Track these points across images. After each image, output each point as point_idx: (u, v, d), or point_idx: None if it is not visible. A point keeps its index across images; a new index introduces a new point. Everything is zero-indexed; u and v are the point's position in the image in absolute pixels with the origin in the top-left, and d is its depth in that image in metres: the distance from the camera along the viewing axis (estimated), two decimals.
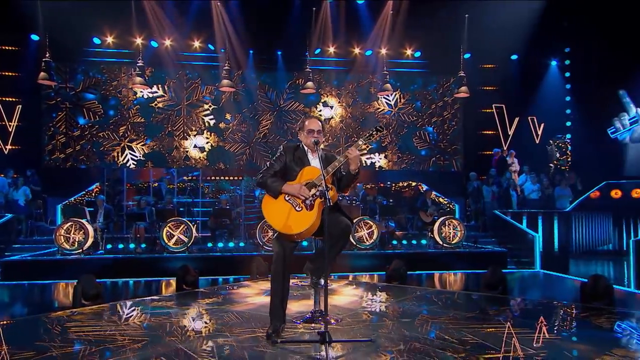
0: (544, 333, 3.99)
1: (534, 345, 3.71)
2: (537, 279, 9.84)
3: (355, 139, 15.53)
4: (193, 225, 10.69)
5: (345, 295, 5.92)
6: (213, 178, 14.71)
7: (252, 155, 15.56)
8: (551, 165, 14.03)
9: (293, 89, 15.72)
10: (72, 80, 15.06)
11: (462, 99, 14.74)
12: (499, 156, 13.58)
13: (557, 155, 14.08)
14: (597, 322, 4.50)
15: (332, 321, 4.46)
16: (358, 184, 13.13)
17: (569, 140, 14.50)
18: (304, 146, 4.23)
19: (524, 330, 4.11)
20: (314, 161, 4.18)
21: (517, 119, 14.96)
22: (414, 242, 11.05)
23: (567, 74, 15.25)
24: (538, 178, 12.60)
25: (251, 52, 15.03)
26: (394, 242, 10.82)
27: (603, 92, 13.86)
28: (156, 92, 15.29)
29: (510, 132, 14.98)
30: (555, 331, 4.16)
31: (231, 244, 10.83)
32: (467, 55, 13.88)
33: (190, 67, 15.29)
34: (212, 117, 15.56)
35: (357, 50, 15.23)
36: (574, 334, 4.24)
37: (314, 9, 13.74)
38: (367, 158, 15.77)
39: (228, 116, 15.59)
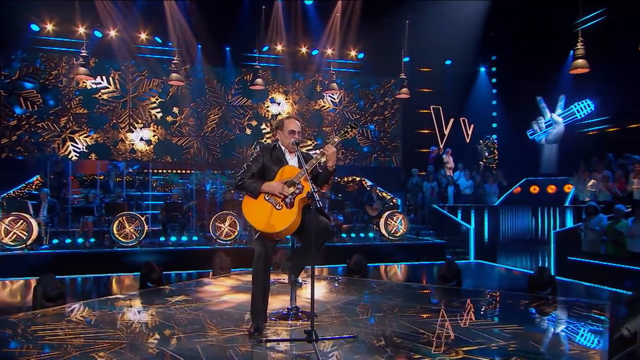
0: (508, 324, 4.14)
1: (504, 336, 3.83)
2: (479, 268, 10.15)
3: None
4: (144, 218, 10.19)
5: (309, 290, 5.85)
6: (161, 171, 14.05)
7: (200, 149, 15.06)
8: (481, 163, 14.65)
9: (241, 84, 15.35)
10: (7, 67, 13.82)
11: (401, 100, 15.03)
12: (435, 154, 14.00)
13: (486, 154, 14.73)
14: (547, 310, 4.74)
15: (305, 318, 4.37)
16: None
17: (495, 141, 15.19)
18: (281, 146, 4.12)
19: (491, 322, 4.25)
20: (292, 161, 4.11)
21: (452, 120, 15.51)
22: (361, 235, 11.17)
23: (494, 80, 15.99)
24: (471, 175, 13.12)
25: (199, 46, 14.50)
26: (343, 235, 10.86)
27: (524, 98, 14.67)
28: (100, 83, 14.38)
29: (446, 132, 15.51)
30: (517, 321, 4.31)
31: (184, 238, 10.43)
32: (406, 59, 14.15)
33: (136, 59, 14.48)
34: (159, 110, 14.86)
35: (304, 50, 15.11)
36: (534, 323, 4.41)
37: (263, 7, 13.46)
38: (313, 153, 15.71)
39: (175, 110, 14.96)
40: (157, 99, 14.84)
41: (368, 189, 12.91)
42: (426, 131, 15.63)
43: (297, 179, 3.90)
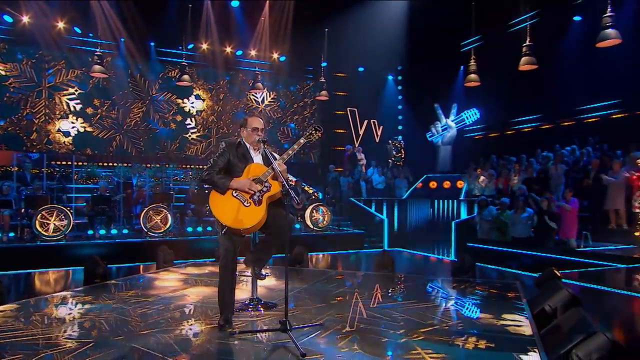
0: (448, 305, 4.46)
1: (450, 316, 4.12)
2: (397, 256, 10.47)
3: (226, 131, 15.26)
4: (69, 211, 9.34)
5: (265, 281, 5.78)
6: (83, 164, 12.89)
7: (123, 142, 14.08)
8: (390, 161, 15.34)
9: (165, 80, 14.58)
10: None
11: (319, 101, 15.25)
12: (350, 152, 14.40)
13: (394, 152, 15.43)
14: (476, 291, 5.13)
15: (261, 309, 4.34)
16: None
17: (402, 141, 15.97)
18: (246, 143, 4.04)
19: (433, 305, 4.53)
20: (257, 157, 4.05)
21: (366, 121, 16.05)
22: None
23: (400, 87, 16.80)
24: (383, 171, 13.71)
25: (122, 40, 13.52)
26: None
27: (424, 104, 15.60)
28: (11, 70, 12.85)
29: (361, 132, 16.01)
30: (455, 302, 4.64)
31: (114, 231, 9.74)
32: (324, 64, 14.39)
33: (53, 48, 13.08)
34: (78, 101, 13.64)
35: (229, 49, 14.72)
36: (468, 303, 4.70)
37: (190, 5, 12.88)
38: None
39: (96, 102, 13.82)
40: (76, 90, 13.61)
41: (292, 183, 12.96)
42: (342, 131, 16.02)
43: (264, 177, 3.85)
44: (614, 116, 13.01)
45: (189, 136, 14.79)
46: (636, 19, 11.03)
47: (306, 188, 12.90)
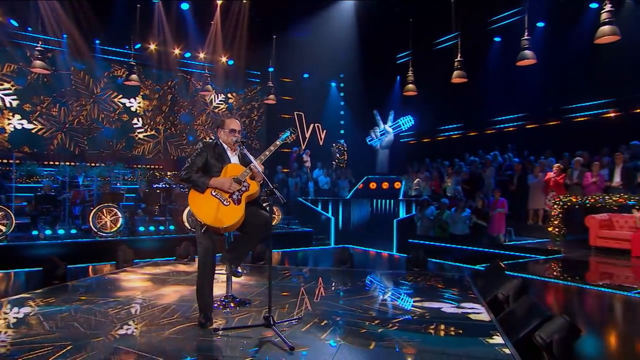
0: (412, 297, 4.64)
1: (417, 306, 4.28)
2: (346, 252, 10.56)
3: (174, 131, 14.68)
4: (9, 211, 8.56)
5: (234, 278, 5.65)
6: (21, 162, 11.83)
7: (65, 140, 13.10)
8: (333, 163, 15.54)
9: (111, 78, 13.77)
10: None
11: (266, 105, 15.14)
12: (296, 154, 14.42)
13: (338, 155, 15.65)
14: (431, 283, 5.36)
15: (234, 306, 4.28)
16: None
17: (344, 144, 16.24)
18: (222, 143, 3.99)
19: (398, 297, 4.68)
20: (234, 158, 4.01)
21: (312, 125, 16.15)
22: None
23: (342, 94, 17.11)
24: (328, 172, 13.86)
25: (65, 36, 12.61)
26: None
27: (364, 110, 16.02)
28: None
29: (307, 135, 16.07)
30: (418, 294, 4.80)
31: (61, 231, 9.06)
32: (271, 69, 14.33)
33: None
34: (15, 97, 12.52)
35: (177, 51, 14.21)
36: (429, 294, 4.82)
37: (138, 5, 12.28)
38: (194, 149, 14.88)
39: (35, 98, 12.75)
40: (12, 86, 12.48)
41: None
42: None
43: (242, 177, 3.81)
44: (528, 126, 14.16)
45: (136, 136, 14.08)
46: (545, 44, 12.09)
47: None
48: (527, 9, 10.46)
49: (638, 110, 11.68)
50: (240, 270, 4.27)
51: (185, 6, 13.16)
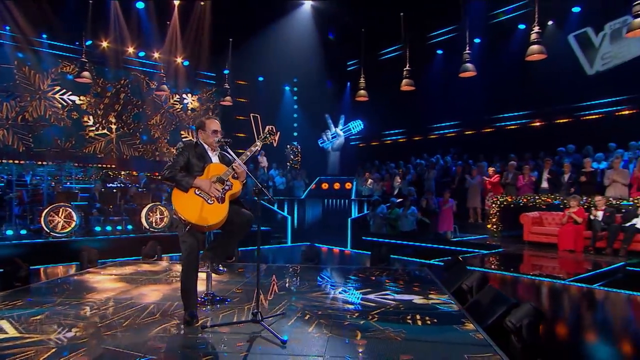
0: (382, 290, 4.78)
1: (392, 298, 4.43)
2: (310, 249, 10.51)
3: (126, 130, 13.97)
4: None
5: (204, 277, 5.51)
6: None
7: (7, 137, 12.07)
8: (288, 164, 15.53)
9: (60, 75, 12.87)
10: None
11: (221, 106, 14.82)
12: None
13: (292, 156, 15.65)
14: (397, 277, 5.53)
15: (214, 304, 4.22)
16: (140, 173, 11.85)
17: (298, 146, 16.28)
18: (202, 143, 3.92)
19: (370, 291, 4.79)
20: (214, 157, 3.94)
21: (267, 127, 15.96)
22: None
23: (295, 97, 17.14)
24: (283, 173, 13.83)
25: (7, 28, 11.64)
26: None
27: (317, 113, 16.18)
28: None
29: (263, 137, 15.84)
30: (388, 288, 4.93)
31: (9, 232, 8.34)
32: (226, 71, 14.07)
33: None
34: None
35: (131, 50, 13.58)
36: (398, 287, 4.94)
37: (90, 2, 11.59)
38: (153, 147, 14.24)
39: None
40: None
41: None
42: (242, 135, 15.74)
43: (225, 176, 3.76)
44: (466, 132, 14.99)
45: (87, 134, 13.28)
46: (482, 58, 12.86)
47: None
48: (467, 26, 11.09)
49: (559, 121, 12.75)
50: (222, 268, 4.21)
51: (140, 5, 12.62)
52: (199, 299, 4.23)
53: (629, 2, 10.93)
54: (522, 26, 13.00)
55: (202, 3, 12.95)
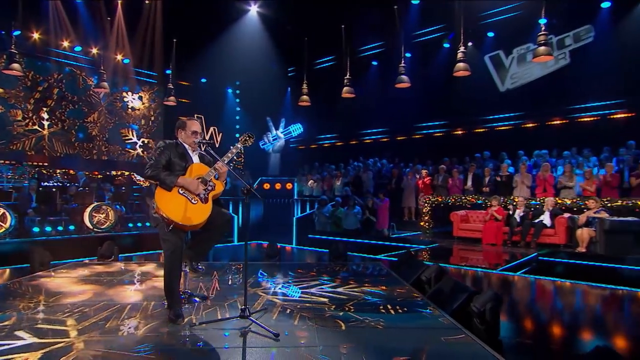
0: (349, 284, 4.96)
1: (358, 293, 4.60)
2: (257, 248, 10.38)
3: (61, 127, 12.75)
4: None
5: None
6: None
7: None
8: (232, 164, 15.15)
9: None
10: None
11: (164, 106, 14.16)
12: None
13: (235, 157, 15.29)
14: (358, 271, 5.72)
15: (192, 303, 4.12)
16: (79, 172, 10.90)
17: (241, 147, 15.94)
18: (183, 143, 3.85)
19: (337, 284, 4.93)
20: (195, 157, 3.89)
21: (211, 128, 15.53)
22: (147, 224, 10.09)
23: (237, 100, 16.84)
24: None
25: None
26: (130, 224, 9.65)
27: (259, 116, 16.07)
28: None
29: (207, 138, 15.36)
30: (353, 282, 5.08)
31: None
32: (168, 71, 13.48)
33: None
34: None
35: (66, 44, 12.45)
36: (360, 281, 5.08)
37: None
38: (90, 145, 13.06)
39: None
40: None
41: (138, 182, 11.77)
42: None
43: (208, 177, 3.72)
44: (398, 138, 15.77)
45: (14, 130, 11.95)
46: (412, 71, 13.65)
47: None
48: (402, 41, 11.74)
49: (477, 130, 13.94)
50: (200, 266, 4.13)
51: None
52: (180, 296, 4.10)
53: (532, 32, 12.39)
54: (446, 45, 14.02)
55: (147, 1, 12.28)
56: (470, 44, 13.73)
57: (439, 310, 3.83)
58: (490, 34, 13.60)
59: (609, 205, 8.31)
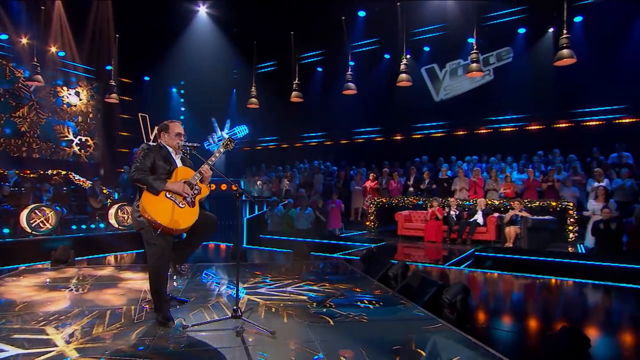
0: (321, 283, 5.10)
1: (331, 290, 4.76)
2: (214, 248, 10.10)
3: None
4: None
5: (136, 279, 5.05)
6: None
7: None
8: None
9: None
10: None
11: (104, 102, 13.23)
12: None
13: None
14: (324, 269, 5.88)
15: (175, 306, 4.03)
16: (9, 171, 9.83)
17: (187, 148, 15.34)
18: (166, 146, 3.78)
19: (307, 283, 5.05)
20: (178, 160, 3.85)
21: (156, 127, 14.71)
22: (92, 225, 9.40)
23: (182, 100, 16.22)
24: None
25: None
26: (73, 227, 8.92)
27: (204, 117, 15.64)
28: None
29: (151, 137, 14.52)
30: (324, 280, 5.21)
31: None
32: (109, 67, 12.68)
33: None
34: None
35: None
36: (331, 280, 5.21)
37: None
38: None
39: None
40: None
41: (77, 182, 10.93)
42: (126, 134, 14.26)
43: (194, 180, 3.70)
44: (341, 142, 16.22)
45: None
46: (355, 80, 14.17)
47: (104, 189, 11.07)
48: (349, 50, 12.16)
49: (415, 136, 14.81)
50: (185, 269, 4.06)
51: None
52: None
53: (462, 49, 13.49)
54: (387, 56, 14.75)
55: None
56: (408, 56, 14.60)
57: (412, 303, 4.13)
58: (427, 48, 14.53)
59: (529, 205, 9.34)
